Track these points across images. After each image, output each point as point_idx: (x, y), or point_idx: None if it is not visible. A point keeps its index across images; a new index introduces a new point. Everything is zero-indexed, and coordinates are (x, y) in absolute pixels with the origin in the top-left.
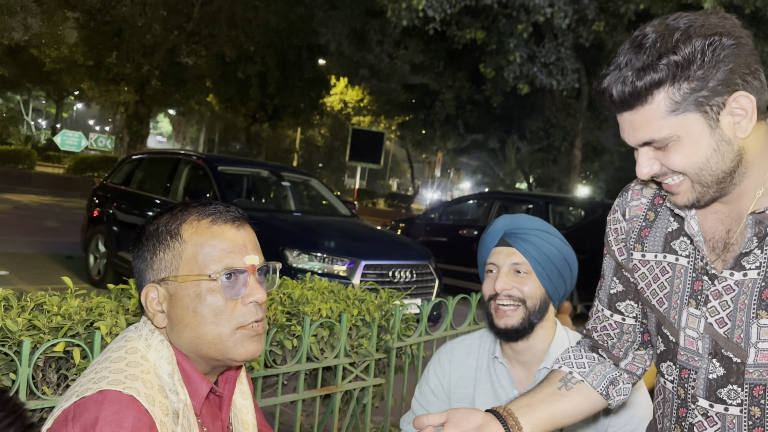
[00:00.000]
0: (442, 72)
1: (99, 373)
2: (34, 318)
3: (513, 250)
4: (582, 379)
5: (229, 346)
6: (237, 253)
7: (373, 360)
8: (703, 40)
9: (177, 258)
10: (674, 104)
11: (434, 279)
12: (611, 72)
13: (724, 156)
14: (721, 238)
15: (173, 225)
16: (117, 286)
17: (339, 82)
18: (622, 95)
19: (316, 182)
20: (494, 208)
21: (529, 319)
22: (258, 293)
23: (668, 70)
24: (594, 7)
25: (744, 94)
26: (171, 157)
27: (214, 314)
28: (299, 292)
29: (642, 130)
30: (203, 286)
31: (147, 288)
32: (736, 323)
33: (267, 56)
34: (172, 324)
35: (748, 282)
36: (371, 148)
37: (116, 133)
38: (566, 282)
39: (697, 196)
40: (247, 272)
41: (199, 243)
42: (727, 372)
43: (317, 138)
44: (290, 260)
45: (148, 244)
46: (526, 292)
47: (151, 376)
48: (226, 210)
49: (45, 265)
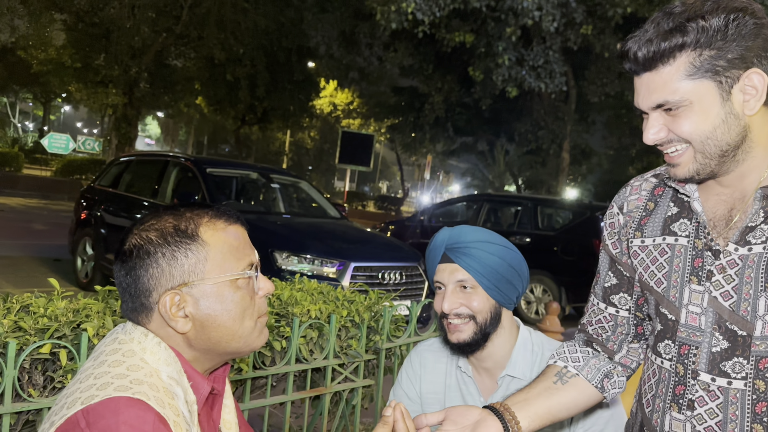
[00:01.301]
0: (431, 75)
1: (100, 378)
2: (20, 320)
3: (456, 266)
4: (577, 373)
5: (254, 337)
6: (250, 249)
7: (362, 361)
8: (729, 13)
9: (202, 261)
10: (693, 69)
11: (424, 281)
12: (637, 35)
13: (731, 128)
14: (723, 217)
15: (188, 228)
16: (104, 288)
17: (328, 84)
18: (646, 54)
19: (306, 184)
20: (483, 211)
21: (482, 332)
22: (268, 285)
23: (694, 34)
24: (582, 10)
25: (757, 71)
26: (159, 159)
27: (242, 310)
28: (288, 294)
29: (657, 91)
30: (230, 284)
31: (165, 295)
32: (743, 296)
33: (256, 58)
34: (201, 326)
35: (753, 256)
36: (361, 151)
37: (104, 136)
38: (517, 287)
39: (697, 168)
40: (257, 267)
41: (221, 244)
42: (731, 345)
43: (307, 140)
44: (280, 262)
45: (162, 250)
46: (474, 307)
47: (154, 378)
48: (230, 210)
49: (32, 268)
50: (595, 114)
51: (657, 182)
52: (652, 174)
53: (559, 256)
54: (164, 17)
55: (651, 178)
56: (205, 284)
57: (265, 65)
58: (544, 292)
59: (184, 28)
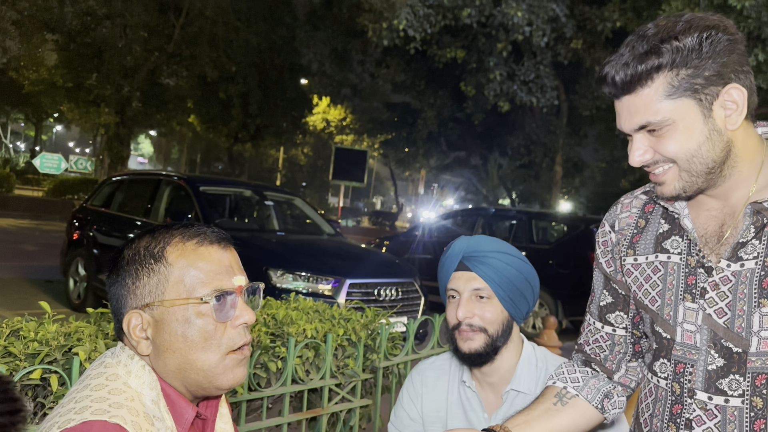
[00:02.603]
0: (423, 90)
1: (80, 402)
2: (9, 344)
3: (473, 274)
4: (577, 394)
5: (218, 372)
6: (225, 275)
7: (359, 380)
8: (702, 32)
9: (163, 282)
10: (672, 89)
11: (420, 296)
12: (614, 59)
13: (715, 145)
14: (715, 233)
15: (156, 248)
16: (96, 310)
17: (321, 101)
18: (624, 78)
19: (300, 201)
20: (478, 225)
21: (493, 344)
22: (247, 314)
23: (670, 55)
24: (572, 25)
25: (736, 86)
26: (152, 178)
27: (204, 339)
28: (283, 313)
29: (639, 113)
30: (192, 309)
31: (129, 314)
32: (737, 313)
33: (249, 76)
34: (158, 351)
35: (745, 272)
36: (354, 167)
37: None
38: (528, 301)
39: (683, 186)
40: (235, 293)
41: (185, 265)
42: (727, 362)
43: (300, 157)
44: (274, 280)
45: (129, 269)
46: (488, 318)
47: (136, 403)
48: (211, 231)
49: (23, 289)
50: (587, 127)
51: (647, 199)
52: (642, 191)
53: (555, 269)
54: (156, 36)
55: (641, 195)
56: (164, 306)
57: (257, 83)
58: (541, 306)
59: (176, 47)
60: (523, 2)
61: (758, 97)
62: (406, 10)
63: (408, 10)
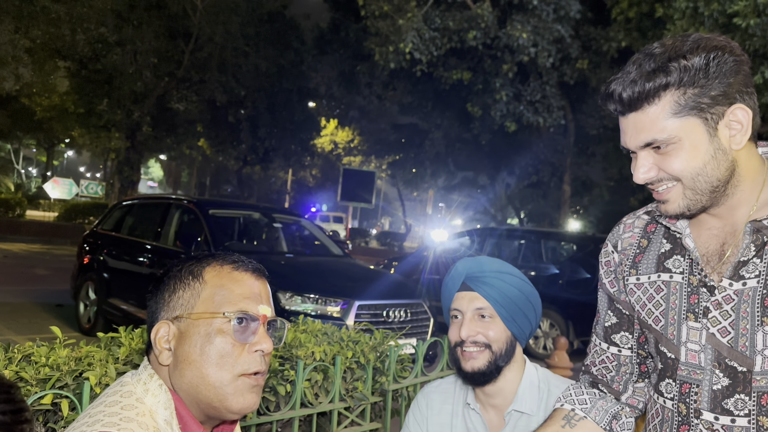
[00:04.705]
0: (430, 112)
1: (93, 417)
2: (21, 370)
3: (475, 294)
4: (585, 416)
5: (229, 392)
6: (252, 300)
7: (368, 404)
8: (709, 52)
9: (195, 297)
10: (678, 107)
11: (429, 317)
12: (619, 77)
13: (720, 164)
14: (716, 252)
15: (196, 267)
16: (107, 335)
17: (329, 123)
18: (631, 95)
19: (308, 223)
20: (487, 245)
21: (496, 363)
22: (265, 343)
23: (678, 73)
24: (577, 45)
25: (741, 107)
26: (161, 202)
27: (220, 356)
28: (292, 335)
29: (645, 131)
30: (215, 325)
31: (159, 324)
32: (740, 332)
33: (257, 100)
34: (177, 361)
35: (748, 291)
36: (362, 188)
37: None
38: (531, 322)
39: (687, 204)
40: (258, 321)
41: (218, 285)
42: (732, 382)
43: (308, 179)
44: (283, 302)
45: (169, 284)
46: (491, 336)
47: (147, 418)
48: (248, 260)
49: (34, 314)
50: (594, 146)
51: (649, 219)
52: (644, 211)
53: (565, 289)
54: (166, 62)
55: (643, 215)
56: (191, 319)
57: (266, 106)
58: (552, 327)
59: (186, 72)
60: (528, 24)
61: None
62: (412, 33)
63: (414, 34)
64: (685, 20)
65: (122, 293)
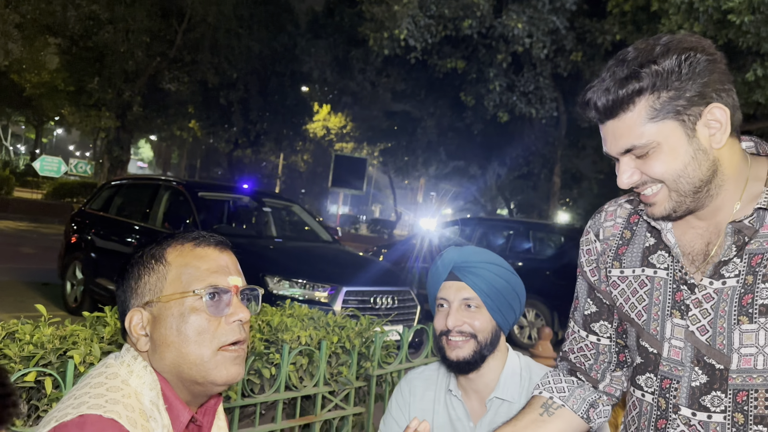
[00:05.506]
0: (423, 100)
1: (78, 398)
2: (5, 347)
3: (463, 284)
4: (563, 404)
5: (210, 367)
6: (220, 273)
7: (353, 388)
8: (680, 54)
9: (161, 280)
10: (654, 112)
11: (416, 305)
12: (595, 85)
13: (701, 164)
14: (701, 251)
15: (157, 251)
16: (92, 314)
17: (322, 108)
18: (606, 103)
19: (298, 208)
20: (476, 234)
21: (481, 352)
22: (242, 312)
23: (649, 78)
24: (572, 37)
25: (718, 106)
26: (151, 183)
27: (198, 333)
28: (278, 319)
29: (624, 137)
30: (187, 304)
31: (131, 313)
32: (717, 330)
33: (250, 83)
34: (155, 346)
35: (727, 290)
36: (354, 174)
37: (96, 159)
38: (516, 311)
39: (673, 206)
40: (230, 292)
41: (183, 264)
42: (710, 379)
43: (300, 164)
44: (271, 286)
45: (133, 272)
46: (477, 326)
47: (132, 400)
48: (209, 234)
49: (20, 292)
50: (586, 139)
51: (632, 209)
52: (626, 199)
53: (551, 280)
54: (158, 42)
55: (625, 204)
56: (161, 302)
57: (258, 89)
58: (537, 317)
59: (178, 53)
60: (524, 14)
61: (758, 112)
62: (407, 20)
63: (409, 20)
64: (680, 15)
65: (109, 273)
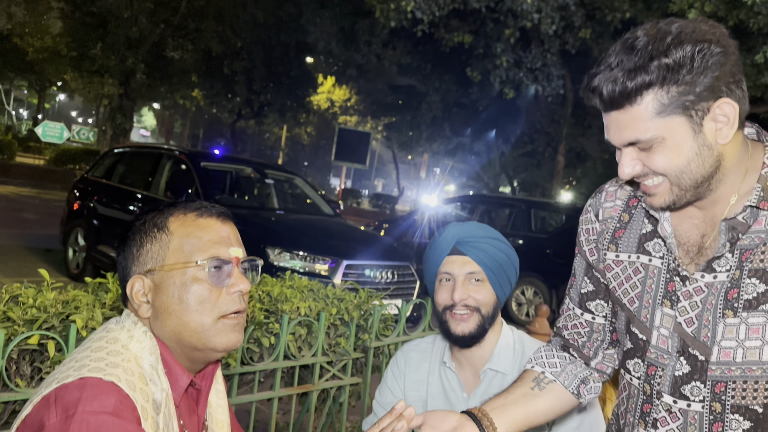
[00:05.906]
0: (429, 74)
1: (79, 361)
2: (8, 310)
3: (467, 258)
4: (554, 379)
5: (211, 335)
6: (222, 245)
7: (350, 359)
8: (693, 46)
9: (164, 249)
10: (662, 106)
11: (415, 280)
12: (602, 71)
13: (705, 161)
14: (696, 243)
15: (160, 219)
16: (95, 280)
17: (326, 80)
18: (612, 94)
19: (300, 181)
20: (477, 211)
21: (484, 326)
22: (243, 283)
23: (659, 72)
24: (581, 14)
25: (728, 101)
26: (153, 152)
27: (199, 302)
28: (278, 290)
29: (628, 130)
30: (189, 274)
31: (133, 279)
32: (703, 323)
33: (254, 52)
34: (157, 313)
35: (717, 284)
36: (357, 148)
37: (99, 126)
38: (512, 284)
39: (674, 199)
40: (231, 263)
41: (185, 234)
42: (691, 369)
43: (303, 136)
44: (272, 258)
45: (135, 239)
46: (480, 300)
47: (132, 364)
48: (211, 205)
49: (22, 257)
50: (591, 118)
51: (631, 192)
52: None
53: (551, 258)
54: (162, 8)
55: (626, 185)
56: (164, 271)
57: (262, 59)
58: (535, 295)
59: (182, 20)
60: None
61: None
62: None
63: None
64: None
65: (111, 241)
